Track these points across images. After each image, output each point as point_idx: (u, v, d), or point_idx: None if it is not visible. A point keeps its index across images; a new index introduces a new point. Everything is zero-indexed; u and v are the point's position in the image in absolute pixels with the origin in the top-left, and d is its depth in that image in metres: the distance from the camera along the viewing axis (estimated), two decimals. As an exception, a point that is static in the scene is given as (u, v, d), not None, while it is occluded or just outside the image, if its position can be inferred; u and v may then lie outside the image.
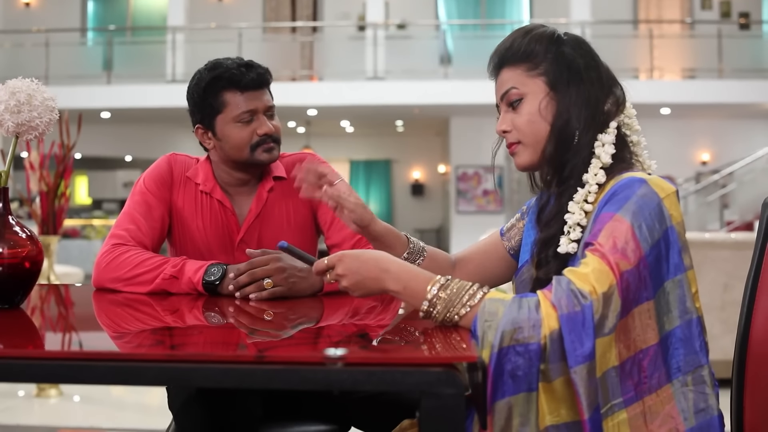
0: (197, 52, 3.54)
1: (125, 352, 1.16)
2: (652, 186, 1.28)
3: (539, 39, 1.42)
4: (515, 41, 1.43)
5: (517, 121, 1.43)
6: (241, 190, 2.02)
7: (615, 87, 1.42)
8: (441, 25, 15.12)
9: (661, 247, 1.25)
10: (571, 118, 1.38)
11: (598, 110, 1.38)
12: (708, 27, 14.50)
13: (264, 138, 1.92)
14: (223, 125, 1.93)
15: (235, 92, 1.91)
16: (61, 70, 13.51)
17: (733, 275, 4.46)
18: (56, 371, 1.04)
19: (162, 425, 2.09)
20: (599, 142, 1.37)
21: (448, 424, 0.97)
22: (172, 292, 1.74)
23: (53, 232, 4.49)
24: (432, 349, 1.15)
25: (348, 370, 0.98)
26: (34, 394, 4.50)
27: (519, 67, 1.42)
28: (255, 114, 1.92)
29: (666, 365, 1.26)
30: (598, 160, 1.36)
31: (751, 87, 13.04)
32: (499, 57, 1.45)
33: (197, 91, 1.95)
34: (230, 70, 1.91)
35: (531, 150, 1.43)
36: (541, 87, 1.40)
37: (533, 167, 1.46)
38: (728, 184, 13.05)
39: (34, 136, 1.53)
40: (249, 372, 1.00)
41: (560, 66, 1.40)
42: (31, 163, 4.41)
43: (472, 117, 14.55)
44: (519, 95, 1.42)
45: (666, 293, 1.26)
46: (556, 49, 1.41)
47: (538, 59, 1.41)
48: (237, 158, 1.95)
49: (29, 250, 1.49)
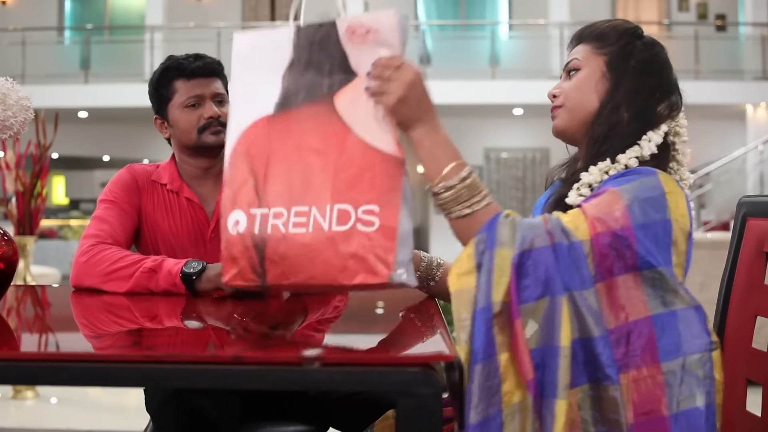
0: (176, 52, 3.57)
1: (102, 353, 1.15)
2: (660, 179, 1.31)
3: (617, 27, 1.48)
4: (598, 23, 1.50)
5: (566, 86, 1.47)
6: (204, 183, 2.06)
7: (673, 94, 1.45)
8: (420, 26, 15.14)
9: (656, 232, 1.26)
10: (621, 103, 1.41)
11: (649, 107, 1.41)
12: (685, 28, 14.63)
13: (210, 121, 1.99)
14: (173, 111, 2.03)
15: (183, 80, 2.01)
16: (38, 69, 13.41)
17: (710, 274, 4.49)
18: (32, 373, 1.03)
19: (139, 427, 2.08)
20: (647, 137, 1.39)
21: (425, 424, 0.97)
22: (150, 288, 1.73)
23: (29, 232, 4.45)
24: (409, 348, 1.15)
25: (325, 370, 0.98)
26: (10, 396, 4.46)
27: (589, 44, 1.47)
28: (202, 99, 2.01)
29: (656, 345, 1.25)
30: (639, 149, 1.39)
31: (727, 88, 13.17)
32: (578, 33, 1.51)
33: (152, 83, 2.06)
34: (178, 60, 2.03)
35: (570, 116, 1.46)
36: (600, 65, 1.44)
37: (566, 134, 1.49)
38: (705, 185, 13.16)
39: (8, 135, 1.52)
40: (226, 373, 0.99)
41: (625, 54, 1.44)
42: (7, 162, 4.37)
43: (451, 117, 14.57)
44: (578, 66, 1.47)
45: (660, 276, 1.26)
46: (628, 39, 1.46)
47: (608, 42, 1.45)
48: (187, 142, 2.02)
49: (4, 251, 1.47)
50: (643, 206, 1.26)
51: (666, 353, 1.25)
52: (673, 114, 1.43)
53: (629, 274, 1.25)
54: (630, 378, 1.24)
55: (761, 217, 1.53)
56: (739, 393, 1.49)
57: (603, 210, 1.26)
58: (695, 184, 13.08)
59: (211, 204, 2.04)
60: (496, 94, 13.21)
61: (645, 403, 1.24)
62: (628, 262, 1.25)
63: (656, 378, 1.24)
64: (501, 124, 14.72)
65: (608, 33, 1.47)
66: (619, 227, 1.24)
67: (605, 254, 1.23)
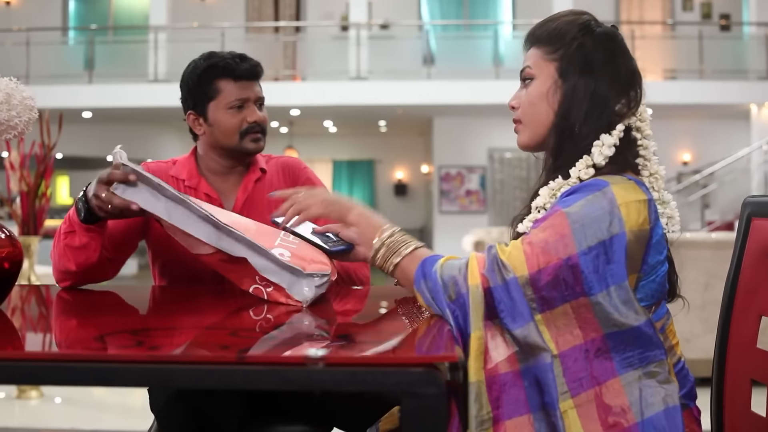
0: (179, 52, 3.54)
1: (106, 353, 1.15)
2: (613, 190, 1.28)
3: (568, 25, 1.43)
4: (548, 23, 1.46)
5: (523, 100, 1.45)
6: (227, 180, 2.06)
7: (632, 88, 1.41)
8: (424, 26, 15.14)
9: (604, 251, 1.25)
10: (572, 109, 1.38)
11: (605, 108, 1.38)
12: (689, 28, 14.61)
13: (253, 125, 2.00)
14: (215, 111, 2.00)
15: (228, 80, 2.00)
16: (42, 69, 13.43)
17: (714, 275, 4.49)
18: (36, 372, 1.03)
19: (144, 426, 2.08)
20: (599, 141, 1.37)
21: (430, 424, 0.97)
22: (75, 244, 1.73)
23: (34, 232, 4.46)
24: (413, 349, 1.15)
25: (329, 370, 0.98)
26: (15, 396, 4.47)
27: (541, 48, 1.44)
28: (246, 102, 2.00)
29: (612, 360, 1.27)
30: (590, 158, 1.36)
31: (731, 88, 13.15)
32: (530, 34, 1.48)
33: (192, 78, 2.03)
34: (225, 59, 2.00)
35: (530, 131, 1.45)
36: (551, 73, 1.41)
37: (531, 148, 1.47)
38: (709, 185, 13.16)
39: (13, 135, 1.52)
40: (230, 373, 0.99)
41: (576, 56, 1.40)
42: (12, 163, 4.38)
43: (455, 117, 14.59)
44: (531, 75, 1.44)
45: (612, 295, 1.26)
46: (579, 38, 1.41)
47: (559, 45, 1.42)
48: (226, 144, 2.01)
49: (8, 251, 1.48)
50: (588, 229, 1.25)
51: (627, 366, 1.27)
52: (632, 110, 1.40)
53: (579, 299, 1.25)
54: (593, 395, 1.26)
55: (766, 217, 1.53)
56: (743, 393, 1.49)
57: (549, 238, 1.25)
58: (699, 184, 13.09)
59: (231, 199, 2.03)
60: (499, 94, 13.17)
61: (611, 416, 1.25)
62: (576, 288, 1.24)
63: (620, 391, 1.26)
64: (505, 124, 14.58)
65: (558, 34, 1.42)
66: (566, 256, 1.24)
67: (550, 284, 1.24)
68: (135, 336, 1.30)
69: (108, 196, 1.57)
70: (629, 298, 1.27)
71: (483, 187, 15.11)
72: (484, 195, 15.07)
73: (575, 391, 1.25)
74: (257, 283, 1.53)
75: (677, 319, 1.44)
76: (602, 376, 1.26)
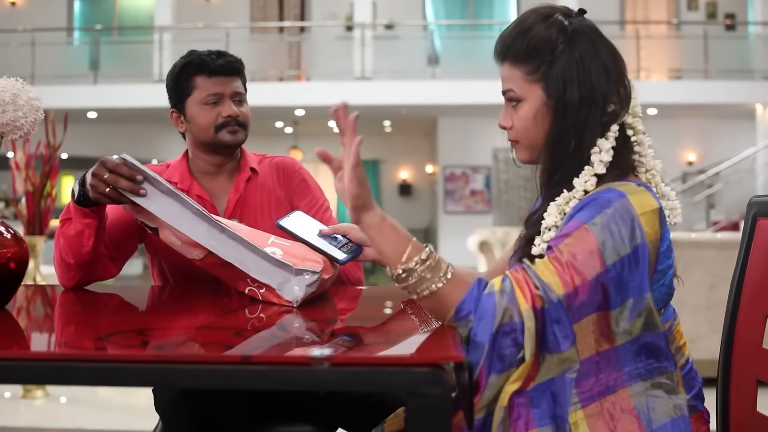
0: (184, 52, 3.56)
1: (111, 353, 1.15)
2: (630, 201, 1.27)
3: (542, 35, 1.35)
4: (518, 36, 1.38)
5: (515, 123, 1.41)
6: (217, 180, 2.06)
7: (621, 85, 1.37)
8: (429, 26, 15.14)
9: (628, 263, 1.25)
10: (566, 127, 1.35)
11: (599, 114, 1.35)
12: (694, 28, 14.58)
13: (228, 120, 2.01)
14: (192, 107, 2.03)
15: (203, 76, 2.02)
16: (47, 69, 13.45)
17: (719, 275, 4.48)
18: (42, 372, 1.04)
19: (149, 426, 2.09)
20: (597, 148, 1.35)
21: (435, 424, 0.97)
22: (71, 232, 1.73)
23: (39, 232, 4.46)
24: (418, 349, 1.15)
25: (334, 370, 0.98)
26: (20, 396, 4.48)
27: (520, 67, 1.38)
28: (221, 97, 2.02)
29: (622, 370, 1.27)
30: (592, 168, 1.34)
31: (736, 87, 13.12)
32: (503, 47, 1.41)
33: (171, 77, 2.07)
34: (201, 56, 2.03)
35: (529, 150, 1.43)
36: (539, 95, 1.37)
37: (533, 162, 1.46)
38: (714, 184, 13.14)
39: (19, 135, 1.52)
40: (235, 373, 0.99)
41: (561, 70, 1.34)
42: (17, 163, 4.39)
43: (459, 117, 14.58)
44: (518, 97, 1.40)
45: (629, 307, 1.26)
46: (559, 47, 1.35)
47: (539, 61, 1.36)
48: (203, 139, 2.03)
49: (14, 251, 1.48)
50: (615, 243, 1.24)
51: (636, 376, 1.27)
52: (625, 108, 1.37)
53: (601, 312, 1.24)
54: (603, 406, 1.25)
55: (772, 217, 1.52)
56: (749, 394, 1.49)
57: (578, 254, 1.23)
58: (704, 184, 13.07)
59: (223, 201, 2.04)
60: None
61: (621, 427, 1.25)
62: (602, 303, 1.24)
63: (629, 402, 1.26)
64: (509, 124, 14.67)
65: (535, 48, 1.35)
66: (596, 273, 1.22)
67: (585, 302, 1.22)
68: (140, 336, 1.30)
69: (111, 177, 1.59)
70: (650, 309, 1.27)
71: (488, 187, 15.11)
72: (488, 195, 15.07)
73: (586, 402, 1.24)
74: (250, 285, 1.56)
75: (683, 320, 1.44)
76: (612, 386, 1.26)
